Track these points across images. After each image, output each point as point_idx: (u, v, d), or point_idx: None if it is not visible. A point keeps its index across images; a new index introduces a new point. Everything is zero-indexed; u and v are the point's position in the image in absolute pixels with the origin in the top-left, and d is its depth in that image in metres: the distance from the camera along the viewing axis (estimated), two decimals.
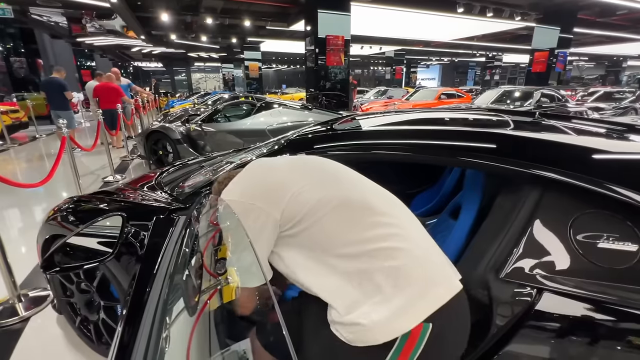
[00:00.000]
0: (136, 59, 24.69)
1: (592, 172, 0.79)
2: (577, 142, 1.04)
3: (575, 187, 0.78)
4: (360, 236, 0.71)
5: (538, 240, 0.82)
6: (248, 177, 0.84)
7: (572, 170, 0.80)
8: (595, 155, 0.90)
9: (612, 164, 0.87)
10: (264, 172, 0.84)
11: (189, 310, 0.63)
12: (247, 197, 0.76)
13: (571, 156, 0.89)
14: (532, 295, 0.79)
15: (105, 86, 6.47)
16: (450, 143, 1.03)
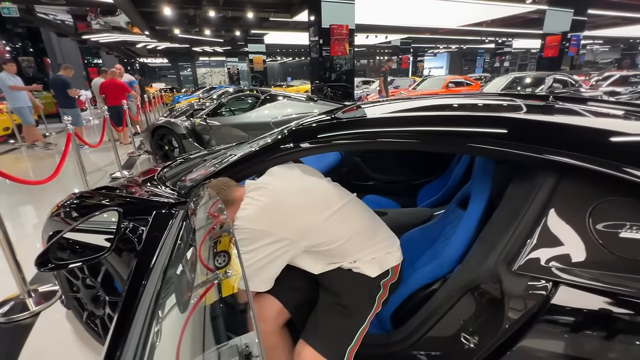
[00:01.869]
0: (142, 55, 24.81)
1: (613, 156, 0.73)
2: (595, 124, 0.97)
3: (596, 172, 0.73)
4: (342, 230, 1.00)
5: (554, 231, 0.77)
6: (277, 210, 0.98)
7: (591, 155, 0.74)
8: (617, 137, 0.83)
9: (635, 147, 0.80)
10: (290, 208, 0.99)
11: (181, 304, 0.61)
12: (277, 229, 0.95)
13: (590, 139, 0.83)
14: (548, 288, 0.74)
15: (111, 83, 6.50)
16: (459, 129, 0.98)
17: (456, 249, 1.08)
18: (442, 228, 1.44)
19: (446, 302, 0.96)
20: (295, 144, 1.15)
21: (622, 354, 0.72)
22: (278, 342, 1.04)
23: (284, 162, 1.30)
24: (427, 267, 1.18)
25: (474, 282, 0.88)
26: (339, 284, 1.02)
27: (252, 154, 1.26)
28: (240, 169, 1.26)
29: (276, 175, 1.10)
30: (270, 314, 1.04)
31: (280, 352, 1.03)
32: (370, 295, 1.02)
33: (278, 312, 1.04)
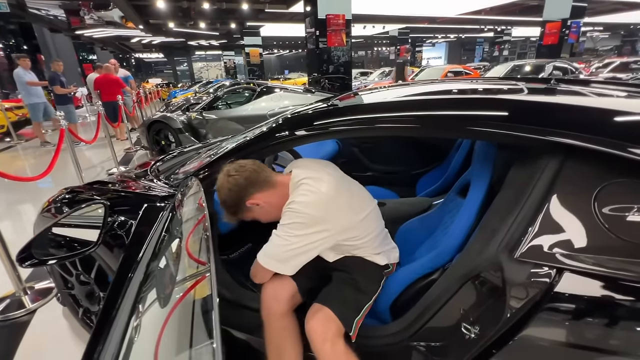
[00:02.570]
0: (137, 50, 24.54)
1: (619, 135, 0.70)
2: (599, 104, 0.93)
3: (601, 153, 0.69)
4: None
5: (557, 216, 0.74)
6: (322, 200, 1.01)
7: (596, 135, 0.70)
8: (622, 117, 0.79)
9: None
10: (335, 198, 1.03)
11: (163, 299, 0.58)
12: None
13: (594, 119, 0.79)
14: (551, 275, 0.71)
15: (106, 78, 6.41)
16: (459, 113, 0.93)
17: (456, 238, 1.05)
18: (442, 217, 1.42)
19: (446, 292, 0.94)
20: (290, 131, 1.11)
21: (629, 342, 0.70)
22: (288, 325, 1.08)
23: (279, 150, 1.26)
24: (426, 257, 1.16)
25: (474, 270, 0.85)
26: (352, 266, 1.12)
27: (247, 143, 1.22)
28: (236, 158, 1.22)
29: (319, 170, 1.09)
30: (285, 295, 1.10)
31: (288, 335, 1.07)
32: (378, 278, 1.14)
33: (293, 294, 1.10)
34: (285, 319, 1.08)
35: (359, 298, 1.07)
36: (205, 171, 1.28)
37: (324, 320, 0.98)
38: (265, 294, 1.12)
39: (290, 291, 1.11)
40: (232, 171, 1.07)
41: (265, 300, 1.11)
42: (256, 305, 1.24)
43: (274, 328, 1.08)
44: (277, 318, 1.07)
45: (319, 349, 0.95)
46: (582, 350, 0.71)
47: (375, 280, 1.13)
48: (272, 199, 1.07)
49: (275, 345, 1.06)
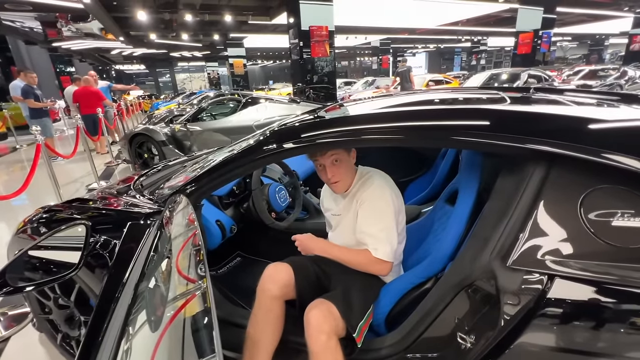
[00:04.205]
0: (117, 62, 24.09)
1: (600, 143, 0.72)
2: (581, 112, 0.96)
3: (584, 161, 0.71)
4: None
5: (546, 223, 0.75)
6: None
7: (578, 143, 0.73)
8: (602, 124, 0.83)
9: (623, 133, 0.80)
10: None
11: (154, 321, 0.56)
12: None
13: (575, 127, 0.82)
14: (543, 282, 0.72)
15: (85, 91, 6.24)
16: (443, 123, 0.95)
17: (447, 246, 1.06)
18: (432, 225, 1.42)
19: (440, 301, 0.93)
20: (278, 144, 1.10)
21: (620, 344, 0.71)
22: (275, 309, 1.15)
23: (268, 163, 1.25)
24: (418, 266, 1.16)
25: (467, 279, 0.85)
26: (363, 274, 1.19)
27: (234, 157, 1.20)
28: (223, 172, 1.20)
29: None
30: (282, 280, 1.17)
31: (272, 318, 1.14)
32: (377, 284, 1.22)
33: (287, 283, 1.17)
34: (275, 303, 1.15)
35: (362, 303, 1.11)
36: (193, 186, 1.24)
37: (326, 313, 1.01)
38: (265, 272, 1.21)
39: (287, 279, 1.18)
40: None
41: (263, 277, 1.20)
42: (246, 322, 1.20)
43: (262, 307, 1.16)
44: (269, 299, 1.15)
45: (314, 338, 0.98)
46: (578, 355, 0.72)
47: (376, 286, 1.20)
48: (352, 168, 1.22)
49: (259, 322, 1.14)
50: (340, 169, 1.18)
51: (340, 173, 1.18)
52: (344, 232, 1.28)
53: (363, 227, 1.17)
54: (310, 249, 1.22)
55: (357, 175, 1.25)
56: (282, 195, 1.70)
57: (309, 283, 1.24)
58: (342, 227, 1.30)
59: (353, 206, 1.22)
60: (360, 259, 1.17)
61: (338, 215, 1.32)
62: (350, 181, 1.23)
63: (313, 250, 1.22)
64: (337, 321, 1.01)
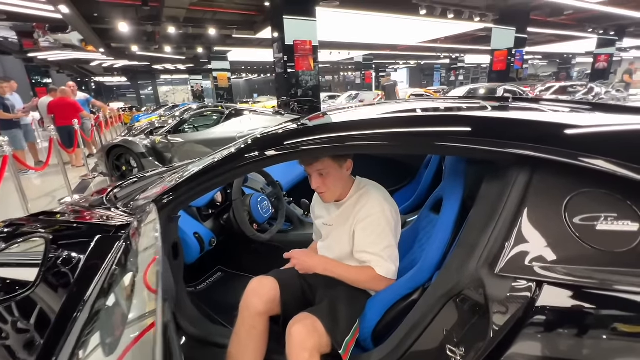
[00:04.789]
0: (97, 74, 23.58)
1: (581, 147, 0.73)
2: (560, 118, 0.98)
3: (566, 165, 0.71)
4: None
5: (532, 228, 0.74)
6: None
7: (560, 147, 0.73)
8: (583, 129, 0.84)
9: (601, 137, 0.81)
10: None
11: (109, 344, 0.50)
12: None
13: (557, 132, 0.82)
14: (532, 289, 0.70)
15: (61, 102, 6.04)
16: (427, 129, 0.95)
17: (434, 255, 1.04)
18: (417, 234, 1.41)
19: (428, 313, 0.90)
20: (260, 152, 1.06)
21: (610, 351, 0.69)
22: (259, 326, 1.10)
23: (249, 172, 1.21)
24: (405, 277, 1.13)
25: (455, 288, 0.83)
26: (351, 288, 1.15)
27: (213, 165, 1.15)
28: (202, 181, 1.14)
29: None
30: (267, 295, 1.13)
31: (256, 336, 1.10)
32: (363, 297, 1.17)
33: (273, 299, 1.13)
34: (259, 320, 1.11)
35: (349, 317, 1.07)
36: (169, 196, 1.18)
37: (310, 328, 0.97)
38: (250, 287, 1.16)
39: (272, 294, 1.14)
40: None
41: (247, 292, 1.15)
42: (227, 341, 1.13)
43: (245, 323, 1.11)
44: (252, 315, 1.10)
45: (295, 355, 0.94)
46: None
47: (362, 299, 1.16)
48: (345, 179, 1.18)
49: (241, 340, 1.10)
50: (326, 180, 1.14)
51: (326, 185, 1.15)
52: (335, 244, 1.24)
53: (364, 246, 1.13)
54: (310, 267, 1.15)
55: (353, 187, 1.21)
56: (264, 206, 1.65)
57: (294, 298, 1.19)
58: (334, 238, 1.26)
59: (349, 221, 1.18)
60: (363, 277, 1.13)
61: (329, 225, 1.27)
62: (340, 192, 1.19)
63: (314, 268, 1.15)
64: (322, 337, 0.97)
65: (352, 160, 1.17)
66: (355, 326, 1.10)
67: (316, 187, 1.15)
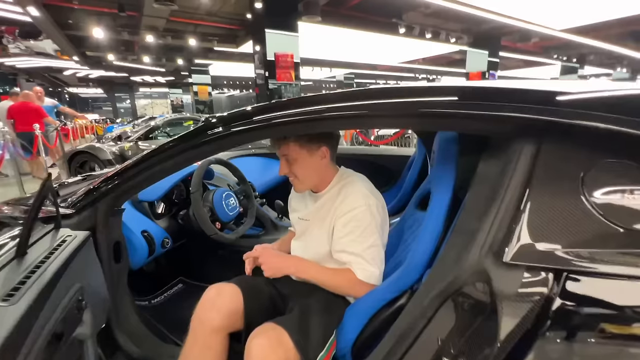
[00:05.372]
0: (71, 84, 22.74)
1: (602, 108, 0.61)
2: (569, 85, 0.86)
3: (584, 130, 0.59)
4: None
5: (543, 208, 0.61)
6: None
7: (575, 108, 0.61)
8: (603, 91, 0.72)
9: (628, 99, 0.69)
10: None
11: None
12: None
13: (570, 94, 0.69)
14: (550, 280, 0.56)
15: (22, 106, 5.61)
16: (415, 99, 0.80)
17: (423, 251, 0.89)
18: (401, 235, 1.26)
19: (419, 319, 0.74)
20: (225, 127, 0.89)
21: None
22: (216, 346, 0.92)
23: (210, 153, 1.03)
24: (389, 279, 0.96)
25: (452, 285, 0.67)
26: (328, 296, 1.00)
27: (167, 145, 0.96)
28: (151, 164, 0.95)
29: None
30: (227, 307, 0.94)
31: (212, 357, 0.91)
32: (342, 308, 1.00)
33: (235, 312, 0.95)
34: (215, 338, 0.91)
35: (323, 329, 0.91)
36: (111, 182, 0.98)
37: (274, 343, 0.80)
38: (205, 296, 0.95)
39: (233, 305, 0.95)
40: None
41: (202, 302, 0.95)
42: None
43: (198, 342, 0.89)
44: (207, 332, 0.91)
45: None
46: None
47: (340, 307, 1.00)
48: (321, 169, 1.02)
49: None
50: (293, 167, 0.99)
51: (293, 172, 1.00)
52: (311, 243, 1.06)
53: (344, 245, 0.96)
54: (279, 268, 0.96)
55: (336, 178, 1.05)
56: (230, 203, 1.46)
57: (261, 310, 0.99)
58: (310, 236, 1.08)
59: (328, 216, 1.01)
60: (340, 280, 0.95)
61: (305, 220, 1.10)
62: (317, 183, 1.04)
63: (284, 269, 0.96)
64: (289, 353, 0.79)
65: (330, 149, 1.02)
66: (332, 340, 0.92)
67: (282, 173, 1.01)
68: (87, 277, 0.77)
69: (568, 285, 0.55)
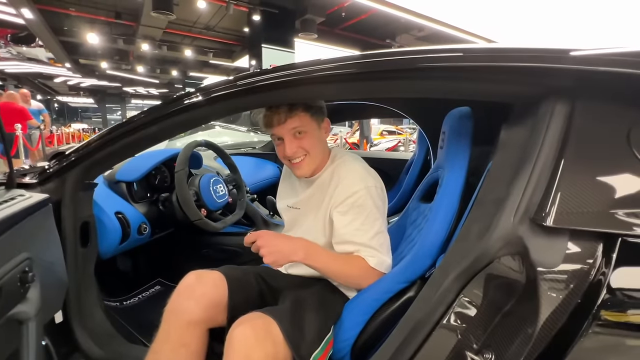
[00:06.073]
0: (61, 93, 22.44)
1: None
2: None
3: (626, 82, 0.52)
4: None
5: (586, 170, 0.53)
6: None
7: (616, 56, 0.54)
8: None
9: None
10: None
11: None
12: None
13: (603, 49, 0.63)
14: (602, 247, 0.47)
15: (5, 107, 5.42)
16: (411, 56, 0.70)
17: (436, 234, 0.79)
18: (404, 230, 1.17)
19: (435, 308, 0.63)
20: (205, 95, 0.79)
21: None
22: (191, 343, 0.78)
23: (195, 123, 0.92)
24: (396, 269, 0.86)
25: (478, 262, 0.57)
26: (324, 290, 0.90)
27: (145, 111, 0.85)
28: (125, 132, 0.84)
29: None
30: (208, 297, 0.81)
31: (185, 356, 0.77)
32: (340, 303, 0.90)
33: (217, 303, 0.82)
34: (192, 332, 0.78)
35: (319, 324, 0.79)
36: (81, 151, 0.87)
37: (261, 334, 0.67)
38: (182, 283, 0.83)
39: (216, 295, 0.82)
40: None
41: (178, 290, 0.82)
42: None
43: (171, 338, 0.75)
44: (182, 325, 0.77)
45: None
46: None
47: (338, 302, 0.89)
48: (325, 145, 0.95)
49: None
50: (304, 142, 0.87)
51: (304, 148, 0.87)
52: (303, 234, 0.92)
53: (348, 235, 0.84)
54: (284, 254, 0.78)
55: (329, 161, 0.94)
56: (218, 190, 1.33)
57: (248, 303, 0.85)
58: (302, 227, 0.97)
59: (323, 204, 0.90)
60: (352, 268, 0.83)
61: (296, 209, 0.98)
62: (320, 163, 0.92)
63: (290, 255, 0.79)
64: (277, 347, 0.67)
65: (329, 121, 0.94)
66: (328, 337, 0.80)
67: (292, 152, 0.87)
68: (39, 248, 0.64)
69: (625, 253, 0.46)
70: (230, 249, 1.61)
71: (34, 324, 0.56)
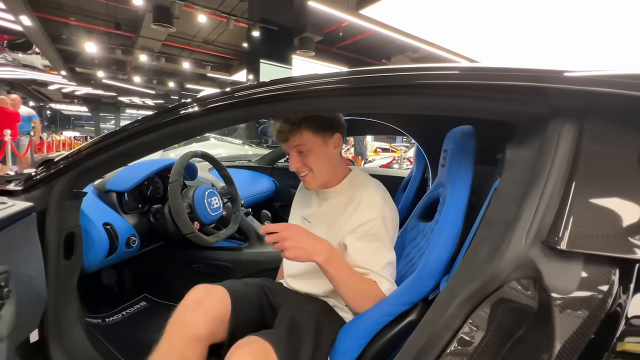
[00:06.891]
0: (55, 100, 22.25)
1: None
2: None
3: (631, 102, 0.52)
4: None
5: (600, 191, 0.51)
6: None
7: (624, 79, 0.54)
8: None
9: None
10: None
11: None
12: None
13: (610, 72, 0.63)
14: (619, 273, 0.45)
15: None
16: (410, 72, 0.69)
17: (439, 255, 0.76)
18: (402, 249, 1.14)
19: (440, 334, 0.59)
20: (202, 106, 0.77)
21: None
22: (192, 355, 0.77)
23: (184, 136, 0.89)
24: (395, 291, 0.82)
25: (488, 286, 0.54)
26: (321, 311, 0.89)
27: (139, 120, 0.82)
28: (117, 141, 0.81)
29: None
30: (214, 311, 0.81)
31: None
32: (336, 326, 0.88)
33: (221, 316, 0.82)
34: (195, 348, 0.78)
35: (316, 348, 0.78)
36: (68, 160, 0.83)
37: (260, 358, 0.68)
38: (190, 295, 0.83)
39: (221, 311, 0.82)
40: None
41: (185, 302, 0.82)
42: None
43: (173, 351, 0.77)
44: (186, 339, 0.77)
45: None
46: None
47: (333, 324, 0.87)
48: (335, 160, 0.93)
49: None
50: (307, 160, 0.88)
51: (307, 165, 0.88)
52: None
53: (360, 261, 0.84)
54: (307, 252, 0.75)
55: (347, 178, 0.95)
56: (213, 202, 1.29)
57: (250, 319, 0.86)
58: None
59: (337, 223, 0.89)
60: (366, 289, 0.81)
61: (308, 222, 0.98)
62: (328, 178, 0.92)
63: (312, 254, 0.76)
64: None
65: (342, 136, 0.93)
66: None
67: (295, 168, 0.89)
68: (18, 260, 0.60)
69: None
70: (221, 264, 1.55)
71: (4, 345, 0.51)
